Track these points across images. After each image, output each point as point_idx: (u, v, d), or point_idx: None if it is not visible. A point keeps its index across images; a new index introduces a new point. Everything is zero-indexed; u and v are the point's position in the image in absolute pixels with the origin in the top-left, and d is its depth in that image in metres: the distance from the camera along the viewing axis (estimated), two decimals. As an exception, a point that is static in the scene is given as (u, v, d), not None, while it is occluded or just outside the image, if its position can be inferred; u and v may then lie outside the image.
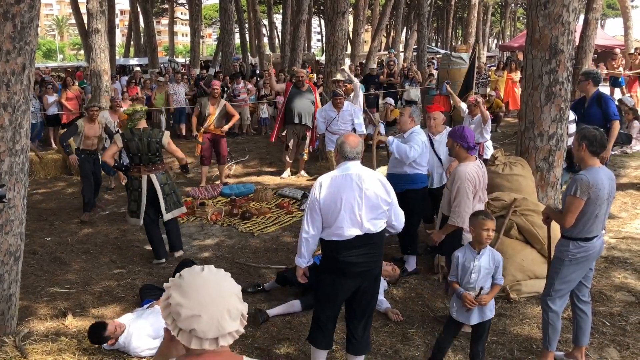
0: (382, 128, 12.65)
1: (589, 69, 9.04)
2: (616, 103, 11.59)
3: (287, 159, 10.09)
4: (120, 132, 6.50)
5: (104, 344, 4.31)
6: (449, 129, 5.69)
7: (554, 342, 3.97)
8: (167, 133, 6.27)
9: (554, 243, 4.10)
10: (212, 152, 9.48)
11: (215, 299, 1.65)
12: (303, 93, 9.87)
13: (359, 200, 3.56)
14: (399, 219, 3.83)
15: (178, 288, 1.67)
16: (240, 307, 1.69)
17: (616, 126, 6.43)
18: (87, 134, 7.86)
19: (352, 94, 10.12)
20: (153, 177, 6.08)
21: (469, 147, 4.32)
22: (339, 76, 11.05)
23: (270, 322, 4.76)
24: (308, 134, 9.91)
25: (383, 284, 5.30)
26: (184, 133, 14.49)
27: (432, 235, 4.70)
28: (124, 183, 7.04)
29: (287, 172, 10.14)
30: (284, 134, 10.11)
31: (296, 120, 9.78)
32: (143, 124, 6.12)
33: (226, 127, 9.50)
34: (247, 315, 1.73)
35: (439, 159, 5.94)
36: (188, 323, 1.63)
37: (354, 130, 8.72)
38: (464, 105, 8.49)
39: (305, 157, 10.05)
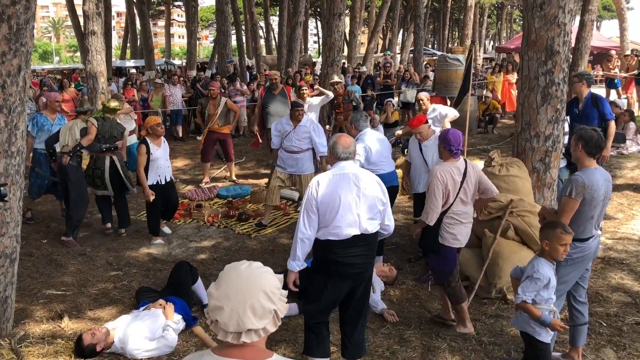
0: (381, 129, 12.66)
1: (582, 70, 9.08)
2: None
3: (274, 161, 10.07)
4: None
5: (95, 352, 4.26)
6: (438, 133, 5.74)
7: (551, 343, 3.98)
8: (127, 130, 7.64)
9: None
10: (213, 149, 9.75)
11: (239, 293, 1.65)
12: (276, 96, 9.68)
13: (357, 199, 3.56)
14: (392, 221, 3.84)
15: (218, 279, 1.72)
16: (269, 305, 1.67)
17: (612, 125, 6.50)
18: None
19: (321, 97, 9.73)
20: (115, 158, 7.08)
21: (451, 149, 4.35)
22: (336, 78, 11.05)
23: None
24: None
25: (380, 285, 5.30)
26: (180, 135, 14.48)
27: (411, 229, 4.73)
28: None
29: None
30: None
31: (271, 125, 9.74)
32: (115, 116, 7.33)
33: (230, 127, 9.81)
34: (281, 315, 1.71)
35: (426, 163, 5.92)
36: (213, 313, 1.66)
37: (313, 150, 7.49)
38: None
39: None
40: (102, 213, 7.38)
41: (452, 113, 7.67)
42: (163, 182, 6.80)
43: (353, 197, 3.56)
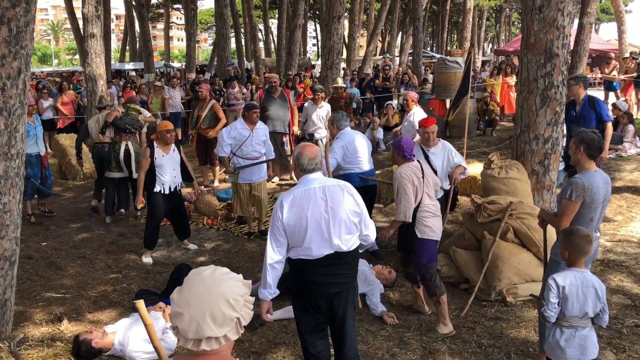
0: (381, 132, 12.68)
1: (578, 73, 9.13)
2: (610, 107, 11.72)
3: (273, 164, 10.09)
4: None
5: (93, 351, 4.27)
6: (443, 142, 5.77)
7: None
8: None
9: (550, 246, 4.11)
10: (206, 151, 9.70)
11: (200, 300, 1.62)
12: (276, 100, 9.63)
13: (326, 216, 3.32)
14: (372, 230, 3.56)
15: (182, 284, 1.69)
16: (231, 313, 1.63)
17: (610, 127, 6.56)
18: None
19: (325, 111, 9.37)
20: (130, 144, 7.92)
21: (405, 155, 4.59)
22: (340, 82, 11.06)
23: (267, 327, 4.75)
24: (285, 139, 9.80)
25: (379, 288, 5.30)
26: (179, 137, 14.47)
27: (381, 233, 4.66)
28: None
29: (275, 177, 10.25)
30: None
31: (270, 128, 9.68)
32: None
33: (212, 133, 9.24)
34: (244, 323, 1.68)
35: (435, 171, 5.86)
36: (174, 319, 1.64)
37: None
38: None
39: (292, 162, 10.00)
40: (118, 197, 8.18)
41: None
42: (167, 192, 6.42)
43: (321, 214, 3.32)
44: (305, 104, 9.49)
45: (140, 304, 2.23)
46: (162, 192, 6.40)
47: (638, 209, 7.62)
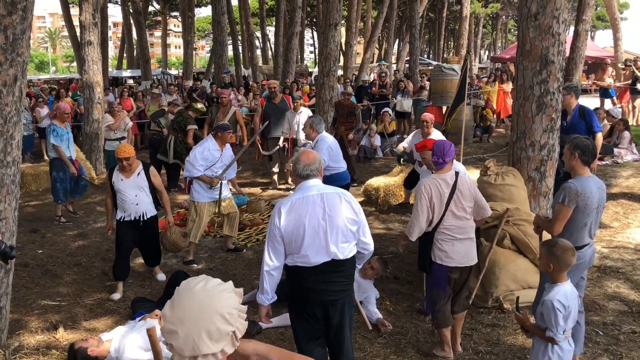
0: (378, 140, 12.69)
1: (570, 82, 9.19)
2: (603, 114, 11.79)
3: (274, 169, 10.22)
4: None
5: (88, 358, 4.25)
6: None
7: None
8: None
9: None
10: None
11: (194, 317, 1.57)
12: (277, 105, 9.93)
13: (323, 223, 3.30)
14: (369, 238, 3.53)
15: (172, 298, 1.63)
16: (226, 328, 1.59)
17: (600, 137, 6.64)
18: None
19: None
20: (172, 137, 9.71)
21: (435, 160, 4.20)
22: (349, 89, 11.16)
23: (264, 334, 4.74)
24: (286, 145, 9.86)
25: (374, 294, 5.27)
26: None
27: (397, 239, 4.58)
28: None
29: (274, 184, 10.31)
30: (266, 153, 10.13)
31: (273, 134, 9.92)
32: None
33: (246, 142, 9.42)
34: (240, 335, 1.64)
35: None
36: (168, 337, 1.59)
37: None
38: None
39: (290, 165, 10.06)
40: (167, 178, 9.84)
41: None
42: (131, 219, 5.74)
43: (319, 222, 3.30)
44: (287, 113, 9.60)
45: (153, 331, 2.14)
46: (123, 219, 5.74)
47: (634, 215, 7.64)
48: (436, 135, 7.58)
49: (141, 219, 5.76)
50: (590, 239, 3.92)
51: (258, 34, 39.36)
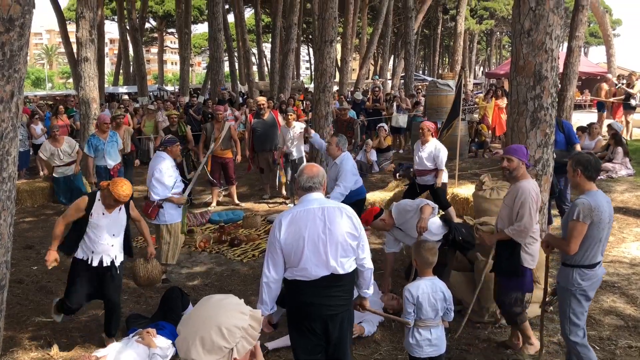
0: (374, 154, 12.74)
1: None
2: (599, 129, 11.88)
3: (265, 181, 10.64)
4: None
5: None
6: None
7: None
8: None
9: (538, 267, 4.09)
10: (221, 174, 9.93)
11: (196, 323, 1.65)
12: (265, 121, 10.24)
13: (323, 237, 3.30)
14: (367, 254, 3.50)
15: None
16: (220, 342, 1.60)
17: (578, 149, 6.90)
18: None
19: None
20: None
21: (528, 164, 4.42)
22: (345, 104, 11.31)
23: (271, 358, 4.69)
24: (276, 156, 10.10)
25: (377, 319, 5.16)
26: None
27: (484, 236, 4.67)
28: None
29: (267, 194, 10.67)
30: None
31: (260, 147, 10.25)
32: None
33: (239, 157, 10.04)
34: (238, 356, 1.64)
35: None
36: (177, 334, 1.68)
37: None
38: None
39: (283, 178, 10.14)
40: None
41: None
42: (95, 264, 4.74)
43: (319, 235, 3.30)
44: (281, 129, 9.93)
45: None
46: (86, 259, 4.77)
47: (629, 229, 7.66)
48: (434, 143, 7.73)
49: (111, 265, 4.78)
50: (601, 256, 3.83)
51: (254, 50, 39.58)
